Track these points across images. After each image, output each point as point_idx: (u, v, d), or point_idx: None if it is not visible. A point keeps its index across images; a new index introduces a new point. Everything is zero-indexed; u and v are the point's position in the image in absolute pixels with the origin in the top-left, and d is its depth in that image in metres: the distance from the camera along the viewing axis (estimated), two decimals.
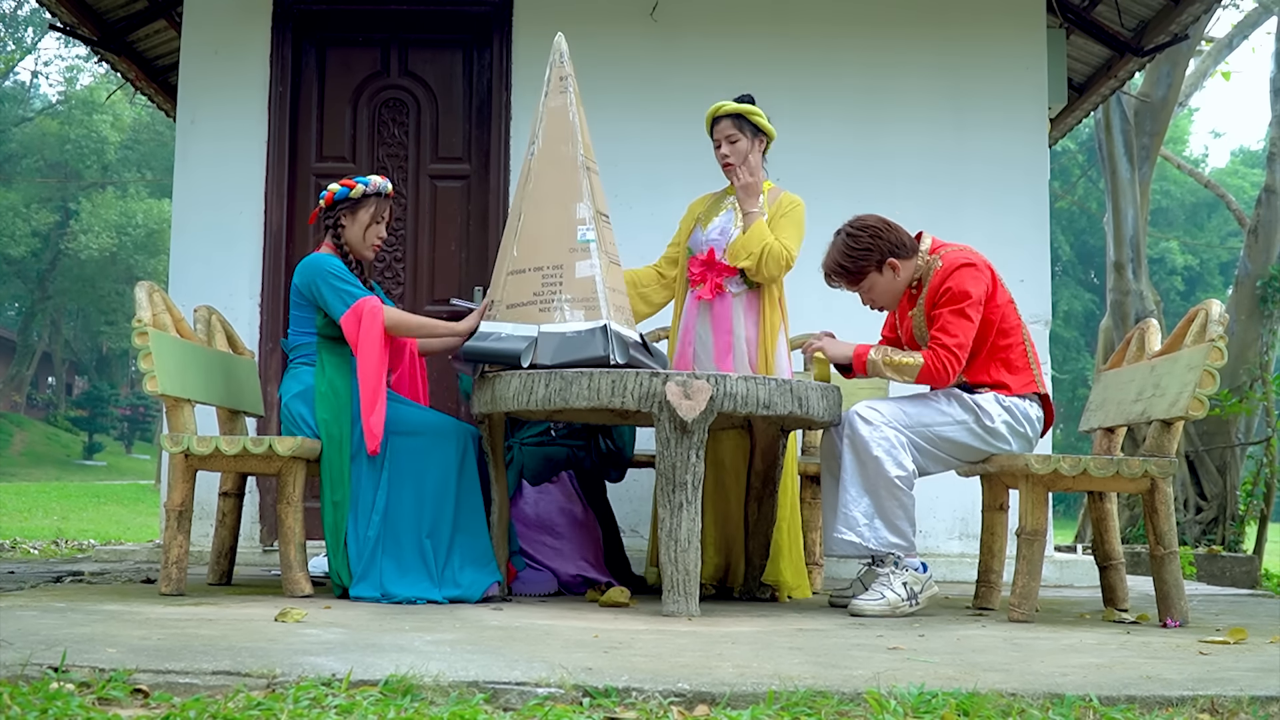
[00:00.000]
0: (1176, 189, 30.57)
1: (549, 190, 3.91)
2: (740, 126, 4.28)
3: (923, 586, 3.73)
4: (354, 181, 4.11)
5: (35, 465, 27.50)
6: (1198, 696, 2.28)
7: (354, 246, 4.12)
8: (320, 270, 4.00)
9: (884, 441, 3.72)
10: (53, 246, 31.47)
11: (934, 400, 3.85)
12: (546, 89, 4.00)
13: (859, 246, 3.87)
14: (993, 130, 5.68)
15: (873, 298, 3.96)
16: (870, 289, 3.93)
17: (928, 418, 3.80)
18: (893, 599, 3.67)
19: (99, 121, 29.65)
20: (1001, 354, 3.85)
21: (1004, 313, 3.86)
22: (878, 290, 3.93)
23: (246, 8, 5.72)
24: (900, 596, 3.68)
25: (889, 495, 3.69)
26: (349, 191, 4.10)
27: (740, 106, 4.29)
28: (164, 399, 3.85)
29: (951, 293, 3.78)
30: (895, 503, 3.70)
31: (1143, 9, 6.48)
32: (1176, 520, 3.73)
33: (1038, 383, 3.89)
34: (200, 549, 5.02)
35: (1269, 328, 10.65)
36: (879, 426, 3.73)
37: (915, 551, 3.77)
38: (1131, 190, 10.84)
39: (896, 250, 3.87)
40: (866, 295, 3.97)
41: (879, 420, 3.74)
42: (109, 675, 2.26)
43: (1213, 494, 10.14)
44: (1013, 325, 3.87)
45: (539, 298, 3.83)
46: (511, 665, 2.47)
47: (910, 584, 3.71)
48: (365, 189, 4.10)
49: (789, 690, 2.24)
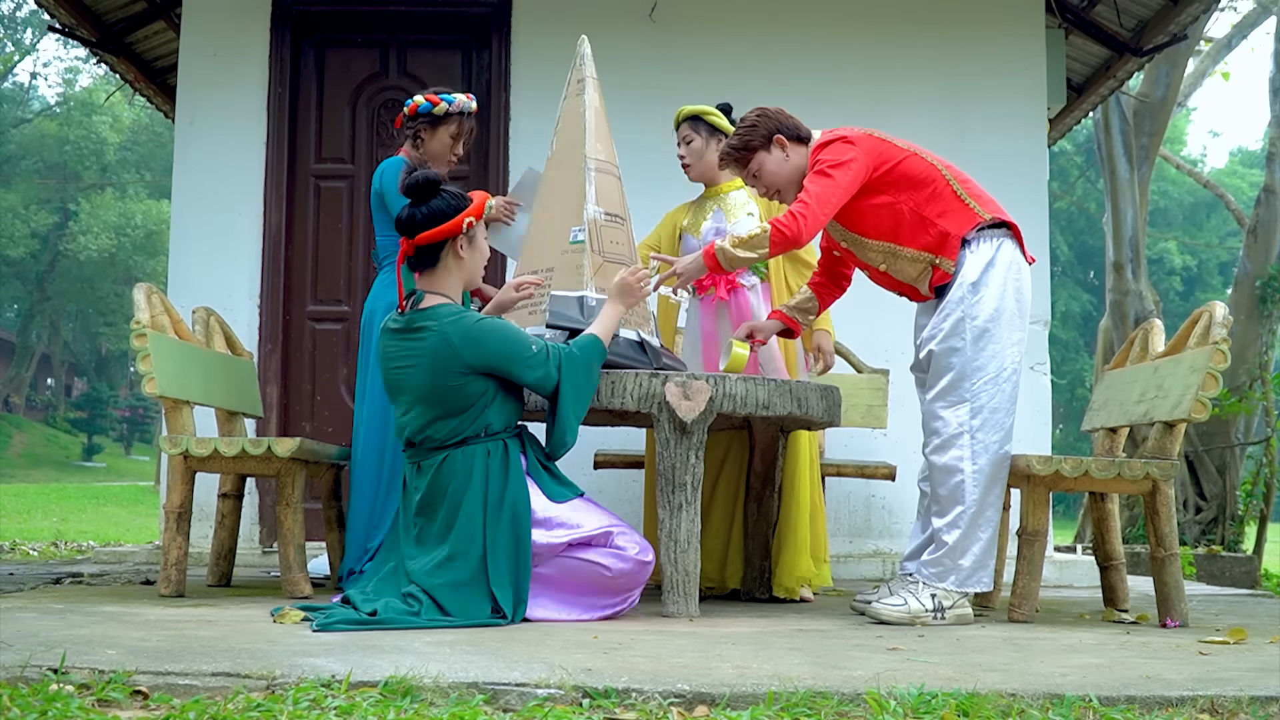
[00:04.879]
0: (1175, 189, 30.59)
1: (553, 193, 3.92)
2: (696, 128, 4.36)
3: (953, 603, 3.51)
4: (438, 98, 4.09)
5: (34, 467, 27.49)
6: (1197, 696, 2.28)
7: (432, 158, 4.13)
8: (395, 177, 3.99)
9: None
10: (51, 248, 31.46)
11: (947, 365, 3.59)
12: (565, 91, 4.02)
13: (744, 125, 3.73)
14: (992, 130, 5.68)
15: (766, 183, 3.73)
16: (760, 170, 3.71)
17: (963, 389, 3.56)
18: (915, 607, 3.47)
19: (98, 123, 29.64)
20: (926, 205, 3.58)
21: (904, 167, 3.60)
22: (767, 171, 3.70)
23: (245, 9, 5.72)
24: (925, 607, 3.47)
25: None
26: (432, 107, 4.09)
27: (695, 109, 4.36)
28: (163, 400, 3.84)
29: (815, 162, 3.59)
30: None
31: (1141, 9, 6.48)
32: (1176, 520, 3.71)
33: (979, 213, 3.59)
34: (200, 550, 5.02)
35: (1268, 327, 10.66)
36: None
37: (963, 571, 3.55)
38: (1131, 190, 10.84)
39: (783, 129, 3.71)
40: (760, 182, 3.74)
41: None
42: (108, 677, 2.26)
43: (1212, 494, 10.15)
44: (922, 172, 3.60)
45: (530, 300, 3.86)
46: (511, 666, 2.47)
47: (940, 597, 3.51)
48: (449, 107, 4.09)
49: (788, 691, 2.24)
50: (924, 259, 3.62)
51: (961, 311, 3.56)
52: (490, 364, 3.37)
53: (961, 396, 3.55)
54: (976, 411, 3.54)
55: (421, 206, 3.43)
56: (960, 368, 3.56)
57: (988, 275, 3.57)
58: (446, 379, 3.35)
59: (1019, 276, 3.62)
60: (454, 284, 3.50)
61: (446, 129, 4.12)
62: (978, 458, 3.53)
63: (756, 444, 4.15)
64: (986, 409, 3.54)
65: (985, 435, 3.54)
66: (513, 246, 4.34)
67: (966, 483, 3.52)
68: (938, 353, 3.61)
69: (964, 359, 3.56)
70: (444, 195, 3.45)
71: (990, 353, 3.55)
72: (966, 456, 3.53)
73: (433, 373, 3.35)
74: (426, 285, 3.48)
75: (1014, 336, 3.58)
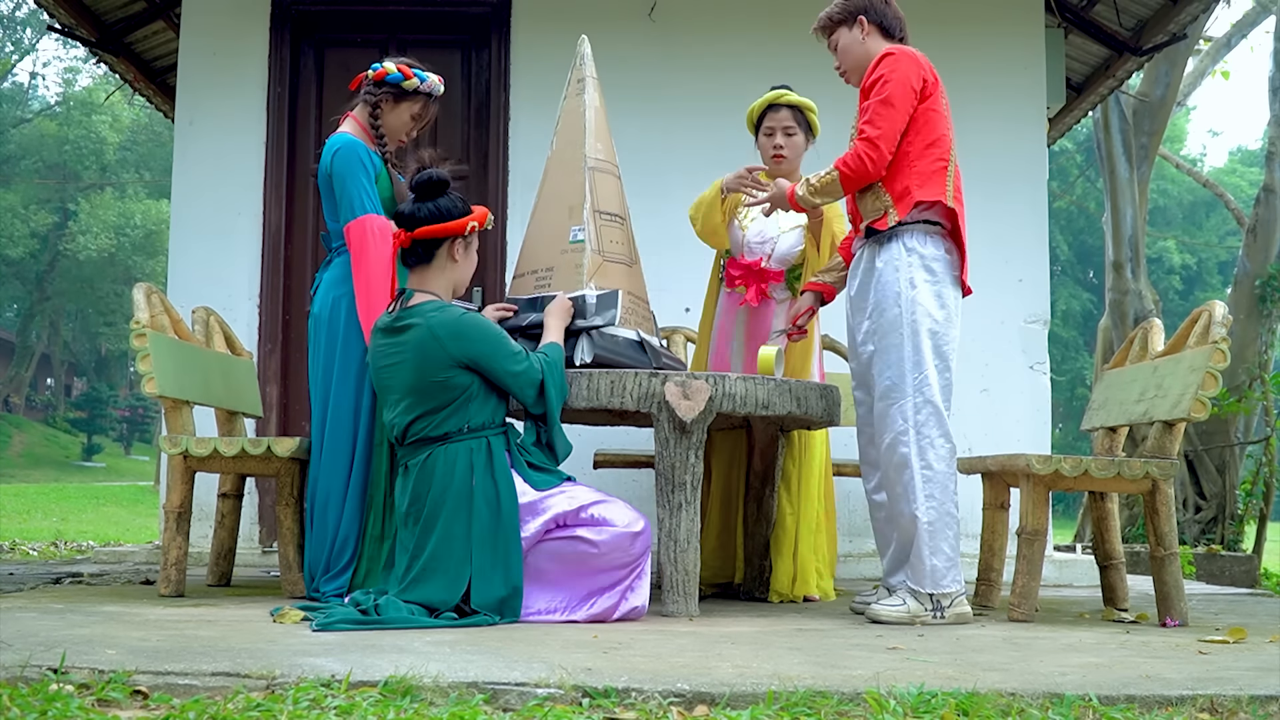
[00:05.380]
0: (1173, 188, 30.59)
1: (553, 193, 3.92)
2: (799, 121, 4.28)
3: (952, 602, 3.50)
4: (411, 72, 3.89)
5: (34, 467, 27.50)
6: (1197, 696, 2.28)
7: (386, 133, 3.92)
8: (351, 165, 3.79)
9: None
10: (51, 248, 31.46)
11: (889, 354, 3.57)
12: (566, 91, 4.02)
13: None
14: (991, 130, 5.68)
15: (839, 59, 3.74)
16: (837, 45, 3.73)
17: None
18: (914, 607, 3.47)
19: (97, 122, 29.66)
20: (919, 157, 3.57)
21: (934, 115, 3.59)
22: (842, 46, 3.72)
23: (245, 9, 5.72)
24: (924, 607, 3.47)
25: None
26: (401, 79, 3.88)
27: (799, 99, 4.27)
28: (162, 400, 3.84)
29: (875, 80, 3.57)
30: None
31: (1141, 8, 6.48)
32: (1176, 519, 3.71)
33: (945, 200, 3.56)
34: (199, 550, 5.02)
35: (1268, 327, 10.67)
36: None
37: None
38: (1130, 190, 10.85)
39: (870, 11, 3.71)
40: (836, 52, 3.75)
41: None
42: (108, 677, 2.26)
43: (1212, 493, 10.15)
44: (938, 130, 3.59)
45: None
46: (511, 666, 2.47)
47: (938, 596, 3.49)
48: (420, 84, 3.90)
49: (788, 690, 2.24)
50: (885, 202, 3.61)
51: (898, 307, 3.53)
52: (474, 357, 3.38)
53: (905, 392, 3.52)
54: (919, 408, 3.51)
55: (428, 202, 3.46)
56: (898, 366, 3.53)
57: (931, 281, 3.55)
58: (431, 373, 3.36)
59: (955, 291, 3.60)
60: (444, 284, 3.52)
61: (410, 106, 3.92)
62: (924, 454, 3.49)
63: (756, 443, 4.15)
64: (930, 405, 3.51)
65: (930, 431, 3.50)
66: None
67: (916, 480, 3.49)
68: (877, 350, 3.59)
69: (902, 357, 3.52)
70: (452, 196, 3.51)
71: (927, 350, 3.51)
72: (914, 453, 3.50)
73: (418, 367, 3.37)
74: (417, 283, 3.50)
75: (953, 334, 3.58)
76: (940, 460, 3.50)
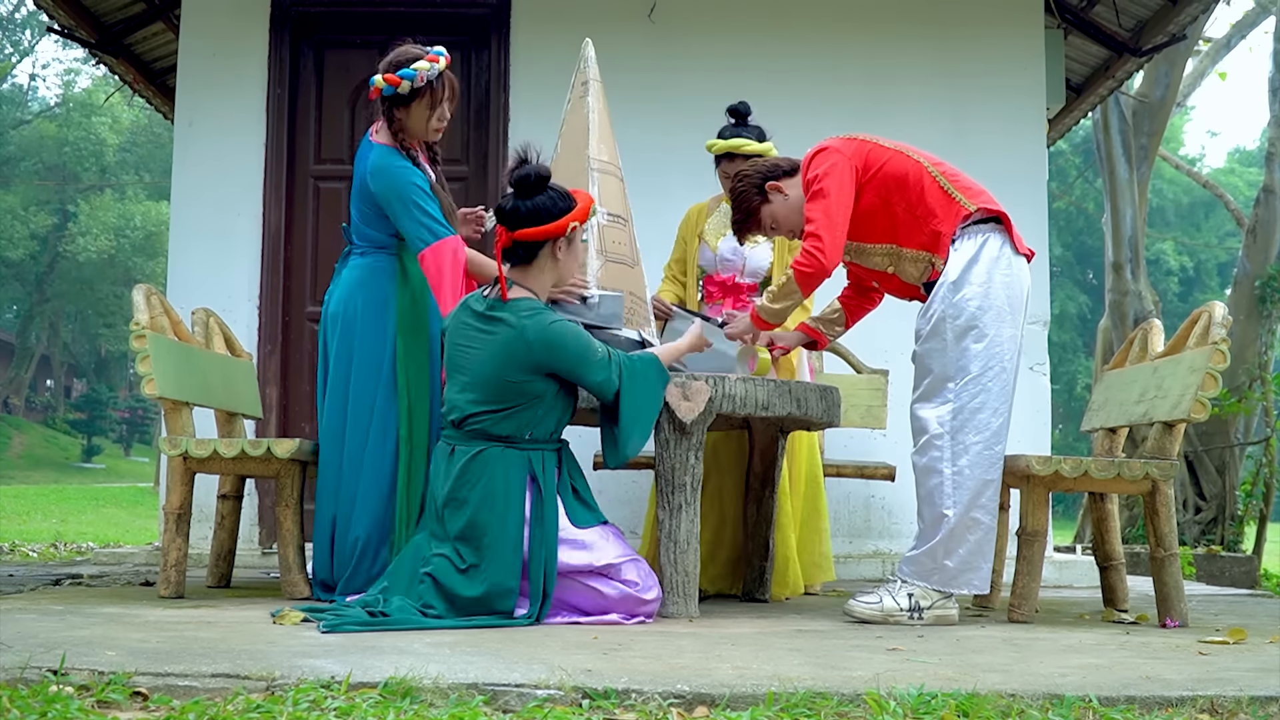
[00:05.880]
0: (1171, 189, 30.58)
1: None
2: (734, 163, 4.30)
3: (933, 603, 3.49)
4: (398, 77, 3.72)
5: (34, 468, 27.49)
6: (1197, 697, 2.28)
7: (414, 137, 3.81)
8: (399, 188, 3.68)
9: None
10: (51, 249, 31.46)
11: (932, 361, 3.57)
12: (570, 93, 4.02)
13: (739, 191, 3.75)
14: (991, 131, 5.68)
15: (786, 230, 3.75)
16: (774, 222, 3.75)
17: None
18: (889, 606, 3.47)
19: (97, 124, 29.64)
20: (918, 205, 3.57)
21: (891, 167, 3.59)
22: (780, 218, 3.72)
23: (244, 10, 5.72)
24: (899, 606, 3.47)
25: None
26: (394, 90, 3.74)
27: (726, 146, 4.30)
28: (162, 402, 3.84)
29: (809, 181, 3.60)
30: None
31: (1140, 9, 6.49)
32: (1176, 520, 3.71)
33: (965, 205, 3.56)
34: (199, 551, 5.01)
35: (1267, 327, 10.67)
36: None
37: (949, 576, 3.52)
38: (1130, 190, 10.85)
39: (771, 174, 3.73)
40: (781, 230, 3.76)
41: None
42: (108, 678, 2.26)
43: (1212, 494, 10.15)
44: (908, 171, 3.58)
45: None
46: (511, 667, 2.47)
47: (918, 596, 3.49)
48: (411, 84, 3.72)
49: (788, 691, 2.24)
50: (924, 258, 3.61)
51: (942, 311, 3.53)
52: (561, 366, 3.36)
53: (944, 398, 3.52)
54: (957, 412, 3.50)
55: (526, 201, 3.39)
56: (941, 368, 3.53)
57: (970, 272, 3.53)
58: (510, 374, 3.34)
59: (1008, 271, 3.56)
60: (544, 283, 3.49)
61: (420, 104, 3.76)
62: (958, 459, 3.49)
63: (756, 444, 4.15)
64: (967, 409, 3.50)
65: (966, 437, 3.49)
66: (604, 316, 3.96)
67: (946, 484, 3.49)
68: (920, 353, 3.60)
69: (945, 360, 3.52)
70: (551, 194, 3.41)
71: (974, 352, 3.50)
72: (946, 458, 3.50)
73: (499, 364, 3.34)
74: (517, 278, 3.45)
75: (1005, 333, 3.53)
76: (972, 465, 3.50)
